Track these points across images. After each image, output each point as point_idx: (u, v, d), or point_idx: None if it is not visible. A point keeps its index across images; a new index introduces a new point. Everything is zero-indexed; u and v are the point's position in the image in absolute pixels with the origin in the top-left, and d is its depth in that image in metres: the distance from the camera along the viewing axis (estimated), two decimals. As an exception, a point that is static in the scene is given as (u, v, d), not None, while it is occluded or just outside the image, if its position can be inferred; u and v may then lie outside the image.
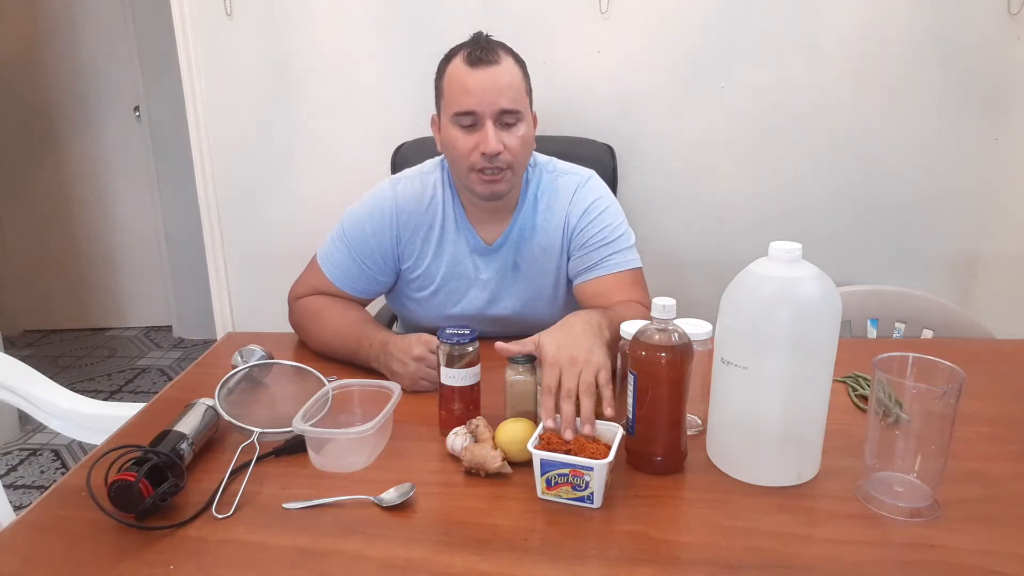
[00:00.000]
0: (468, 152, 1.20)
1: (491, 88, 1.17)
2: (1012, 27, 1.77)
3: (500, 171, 1.21)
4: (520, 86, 1.21)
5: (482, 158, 1.19)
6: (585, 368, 0.92)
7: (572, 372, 0.91)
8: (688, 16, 1.83)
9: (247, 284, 2.17)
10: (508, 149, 1.19)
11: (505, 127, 1.19)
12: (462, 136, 1.20)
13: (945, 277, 1.95)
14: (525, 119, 1.22)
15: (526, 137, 1.22)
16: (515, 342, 0.99)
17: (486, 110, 1.17)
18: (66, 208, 3.55)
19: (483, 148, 1.18)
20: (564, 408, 0.89)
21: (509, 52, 1.22)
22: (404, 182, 1.33)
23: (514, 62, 1.22)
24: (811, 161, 1.90)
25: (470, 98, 1.17)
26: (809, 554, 0.76)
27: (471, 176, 1.22)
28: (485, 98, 1.17)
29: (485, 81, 1.17)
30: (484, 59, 1.17)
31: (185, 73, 2.00)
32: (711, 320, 0.94)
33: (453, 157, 1.24)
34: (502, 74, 1.18)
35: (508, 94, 1.18)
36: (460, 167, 1.23)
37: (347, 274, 1.31)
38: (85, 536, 0.81)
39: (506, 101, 1.18)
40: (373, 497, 0.85)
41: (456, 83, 1.19)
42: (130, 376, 3.17)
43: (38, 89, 3.39)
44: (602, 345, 0.97)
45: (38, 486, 2.36)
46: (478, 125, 1.19)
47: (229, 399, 1.02)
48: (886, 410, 0.82)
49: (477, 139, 1.19)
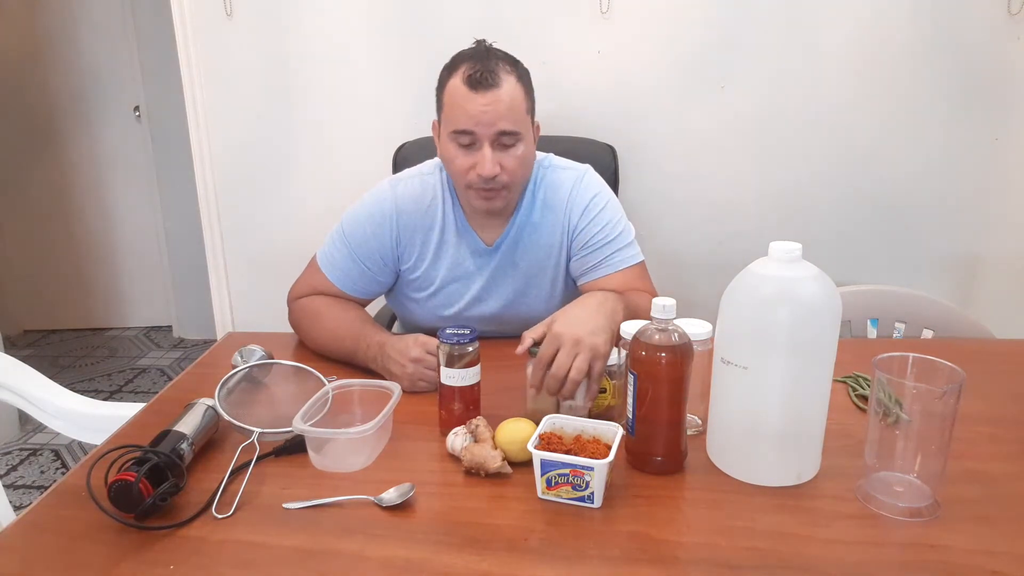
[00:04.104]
0: (465, 171, 1.20)
1: (490, 111, 1.15)
2: (1012, 27, 1.77)
3: (496, 191, 1.21)
4: (520, 107, 1.18)
5: (478, 179, 1.19)
6: (582, 352, 0.95)
7: (568, 352, 0.95)
8: (688, 16, 1.83)
9: (247, 284, 2.17)
10: (505, 170, 1.19)
11: (503, 148, 1.18)
12: (460, 154, 1.19)
13: (945, 277, 1.95)
14: (524, 139, 1.20)
15: (525, 156, 1.22)
16: (530, 329, 1.01)
17: (484, 132, 1.16)
18: (66, 208, 3.55)
19: (480, 170, 1.17)
20: (549, 385, 0.96)
21: (511, 70, 1.18)
22: (404, 183, 1.33)
23: (516, 81, 1.18)
24: (811, 161, 1.90)
25: (469, 120, 1.15)
26: (809, 554, 0.76)
27: (468, 192, 1.22)
28: (483, 120, 1.15)
29: (484, 105, 1.14)
30: (484, 82, 1.14)
31: (185, 73, 2.00)
32: (711, 320, 0.94)
33: (451, 171, 1.24)
34: (502, 97, 1.15)
35: (508, 117, 1.16)
36: (457, 182, 1.24)
37: (347, 275, 1.31)
38: (85, 536, 0.81)
39: (505, 124, 1.16)
40: (373, 497, 0.85)
41: (455, 102, 1.17)
42: (130, 376, 3.17)
43: (38, 89, 3.39)
44: (608, 331, 1.00)
45: (38, 486, 2.36)
46: (476, 145, 1.18)
47: (229, 399, 1.02)
48: (886, 410, 0.82)
49: (474, 159, 1.18)
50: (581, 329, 0.97)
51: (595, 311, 1.02)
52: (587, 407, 0.99)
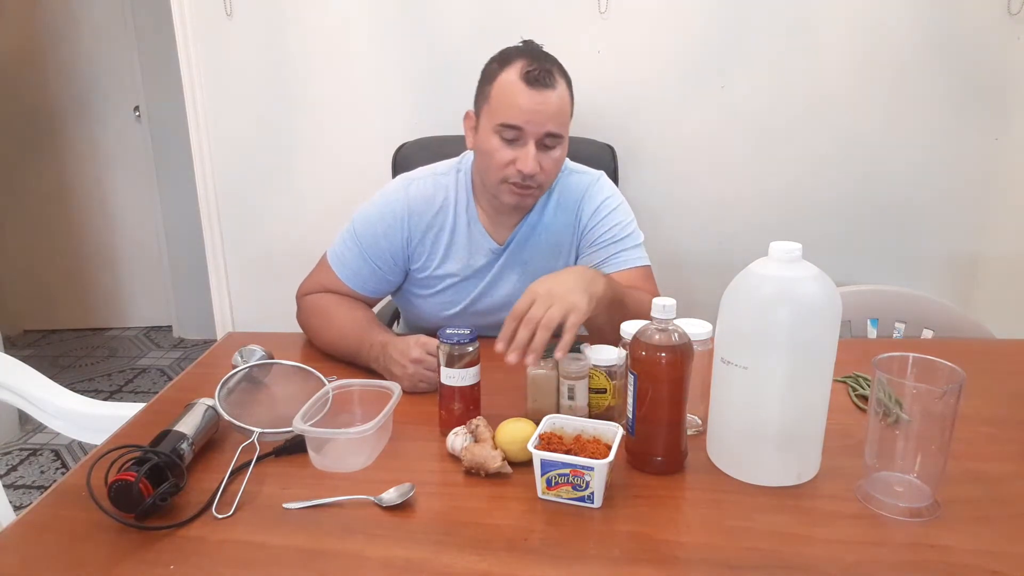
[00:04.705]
0: (504, 164, 1.20)
1: (543, 111, 1.17)
2: (1012, 27, 1.77)
3: (531, 189, 1.23)
4: (567, 112, 1.22)
5: (517, 174, 1.20)
6: (557, 304, 0.96)
7: (542, 303, 0.96)
8: (688, 16, 1.83)
9: (247, 284, 2.16)
10: (543, 171, 1.21)
11: (545, 149, 1.21)
12: (502, 147, 1.20)
13: (945, 277, 1.95)
14: (563, 143, 1.24)
15: (561, 159, 1.25)
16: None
17: (533, 130, 1.18)
18: (66, 208, 3.55)
19: (521, 167, 1.19)
20: (520, 332, 0.95)
21: (563, 75, 1.22)
22: (417, 183, 1.33)
23: (566, 86, 1.22)
24: (811, 161, 1.90)
25: (521, 115, 1.17)
26: (809, 554, 0.76)
27: (501, 187, 1.23)
28: (535, 119, 1.17)
29: (539, 103, 1.17)
30: (542, 81, 1.16)
31: (185, 73, 2.00)
32: (711, 320, 0.94)
33: (487, 165, 1.24)
34: (554, 99, 1.18)
35: (556, 119, 1.19)
36: (492, 176, 1.24)
37: (357, 273, 1.32)
38: (85, 536, 0.81)
39: (553, 125, 1.19)
40: (373, 497, 0.86)
41: (508, 96, 1.18)
42: (130, 376, 3.17)
43: (38, 89, 3.39)
44: (584, 291, 1.00)
45: (38, 486, 2.36)
46: (520, 141, 1.19)
47: (229, 399, 1.02)
48: (886, 410, 0.82)
49: (516, 155, 1.19)
50: (555, 285, 0.99)
51: (573, 274, 1.04)
52: (562, 355, 0.96)
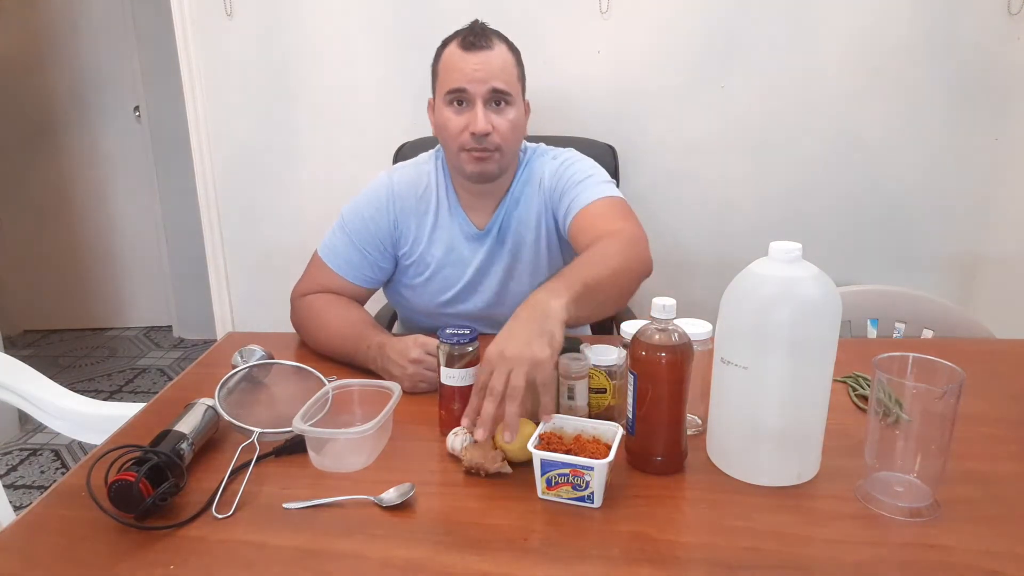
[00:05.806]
0: (458, 132, 1.24)
1: (483, 69, 1.21)
2: (1012, 27, 1.77)
3: (489, 152, 1.24)
4: (512, 71, 1.25)
5: (471, 138, 1.22)
6: (516, 368, 0.86)
7: (501, 372, 0.86)
8: (688, 15, 1.83)
9: (247, 284, 2.17)
10: (497, 130, 1.23)
11: (495, 109, 1.24)
12: (453, 116, 1.24)
13: (945, 277, 1.95)
14: (516, 104, 1.26)
15: (516, 121, 1.26)
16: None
17: (477, 89, 1.21)
18: (66, 208, 3.55)
19: (472, 128, 1.22)
20: (485, 406, 0.86)
21: (503, 40, 1.27)
22: (399, 171, 1.39)
23: (507, 49, 1.26)
24: (811, 161, 1.90)
25: (461, 76, 1.21)
26: (809, 554, 0.76)
27: (461, 156, 1.26)
28: (476, 77, 1.21)
29: (477, 63, 1.21)
30: (477, 43, 1.22)
31: (185, 73, 2.00)
32: (711, 320, 0.94)
33: (445, 138, 1.27)
34: (494, 58, 1.23)
35: (500, 76, 1.22)
36: (451, 148, 1.27)
37: (348, 261, 1.33)
38: (85, 536, 0.81)
39: (497, 82, 1.22)
40: (373, 497, 0.85)
41: (449, 66, 1.24)
42: (130, 376, 3.17)
43: (38, 89, 3.39)
44: (540, 334, 0.88)
45: (38, 486, 2.36)
46: (469, 104, 1.23)
47: (229, 399, 1.02)
48: (886, 410, 0.82)
49: (467, 119, 1.23)
50: (511, 345, 0.87)
51: (525, 321, 0.91)
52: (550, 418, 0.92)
